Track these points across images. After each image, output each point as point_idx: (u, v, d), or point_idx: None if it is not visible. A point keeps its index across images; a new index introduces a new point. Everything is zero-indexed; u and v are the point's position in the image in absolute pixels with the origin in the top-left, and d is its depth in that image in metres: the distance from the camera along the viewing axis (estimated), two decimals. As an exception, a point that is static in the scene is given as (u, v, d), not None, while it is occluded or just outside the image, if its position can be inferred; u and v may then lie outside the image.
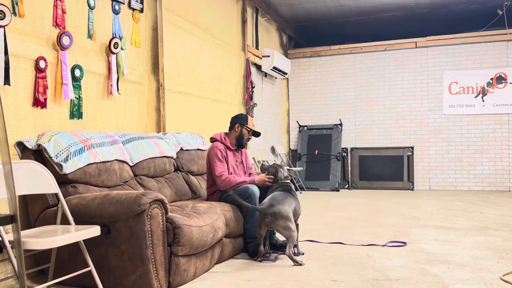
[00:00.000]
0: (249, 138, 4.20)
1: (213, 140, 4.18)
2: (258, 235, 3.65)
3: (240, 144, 4.17)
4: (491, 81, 8.70)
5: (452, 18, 9.27)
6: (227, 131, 4.25)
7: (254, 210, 3.65)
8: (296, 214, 3.76)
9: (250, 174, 4.29)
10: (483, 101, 8.74)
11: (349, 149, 9.53)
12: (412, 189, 8.99)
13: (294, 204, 3.71)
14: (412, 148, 9.11)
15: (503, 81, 8.63)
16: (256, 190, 3.82)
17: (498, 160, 8.67)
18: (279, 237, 4.17)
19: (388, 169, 9.19)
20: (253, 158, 7.59)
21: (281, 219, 3.52)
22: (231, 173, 4.06)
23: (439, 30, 9.34)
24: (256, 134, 4.22)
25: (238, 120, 4.17)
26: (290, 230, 3.54)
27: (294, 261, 3.50)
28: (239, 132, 4.14)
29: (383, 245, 4.13)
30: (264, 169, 4.14)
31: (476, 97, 8.79)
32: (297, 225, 3.82)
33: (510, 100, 8.58)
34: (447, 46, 8.94)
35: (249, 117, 4.23)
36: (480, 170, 8.77)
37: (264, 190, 3.98)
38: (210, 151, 4.07)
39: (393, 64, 9.30)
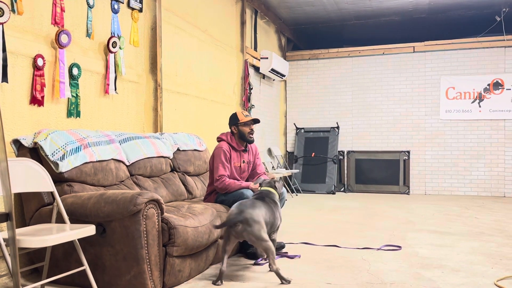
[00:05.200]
0: (251, 130, 4.04)
1: (219, 139, 4.11)
2: (223, 251, 3.19)
3: (246, 140, 4.04)
4: (488, 87, 8.73)
5: (450, 24, 9.31)
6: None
7: (223, 225, 3.21)
8: (269, 224, 3.36)
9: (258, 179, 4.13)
10: (479, 106, 8.78)
11: (345, 152, 9.54)
12: (408, 193, 9.01)
13: (264, 211, 3.33)
14: (409, 152, 9.14)
15: (500, 87, 8.67)
16: (250, 194, 3.77)
17: (493, 166, 8.70)
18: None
19: (384, 173, 9.21)
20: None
21: (255, 224, 3.12)
22: (235, 175, 4.02)
23: (437, 35, 9.38)
24: (256, 121, 4.07)
25: (232, 122, 4.08)
26: (264, 240, 3.11)
27: (281, 278, 3.09)
28: (238, 131, 4.04)
29: (378, 249, 4.14)
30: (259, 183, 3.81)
31: (472, 102, 8.82)
32: (272, 240, 3.45)
33: (507, 106, 8.62)
34: (445, 51, 8.98)
35: (237, 113, 4.06)
36: (476, 176, 8.80)
37: None
38: (215, 150, 4.01)
39: (391, 68, 9.33)
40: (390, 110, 9.33)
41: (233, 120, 4.07)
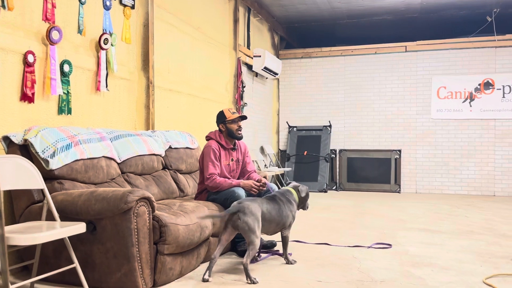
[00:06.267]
0: (239, 127, 4.04)
1: (208, 138, 4.10)
2: (218, 240, 3.30)
3: (235, 137, 4.04)
4: (478, 87, 8.80)
5: (442, 23, 9.36)
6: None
7: (225, 215, 3.28)
8: (274, 222, 3.46)
9: (249, 177, 4.15)
10: (470, 106, 8.84)
11: (337, 151, 9.57)
12: (399, 192, 9.06)
13: (267, 208, 3.40)
14: (400, 151, 9.18)
15: (490, 87, 8.74)
16: (242, 193, 3.76)
17: (483, 165, 8.78)
18: (264, 237, 4.17)
19: (375, 171, 9.26)
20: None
21: (250, 215, 3.20)
22: (225, 173, 4.02)
23: (429, 34, 9.43)
24: (243, 118, 4.08)
25: (219, 121, 4.07)
26: (254, 232, 3.19)
27: (247, 275, 3.10)
28: (226, 129, 4.04)
29: (369, 247, 4.16)
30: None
31: (463, 102, 8.89)
32: (284, 237, 3.55)
33: (497, 106, 8.70)
34: (437, 51, 9.03)
35: (224, 110, 4.07)
36: (466, 175, 8.87)
37: (258, 196, 3.83)
38: (204, 149, 4.00)
39: (383, 68, 9.37)
40: (382, 109, 9.37)
41: (221, 118, 4.07)
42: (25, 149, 3.19)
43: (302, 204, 3.80)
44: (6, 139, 3.20)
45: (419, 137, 9.14)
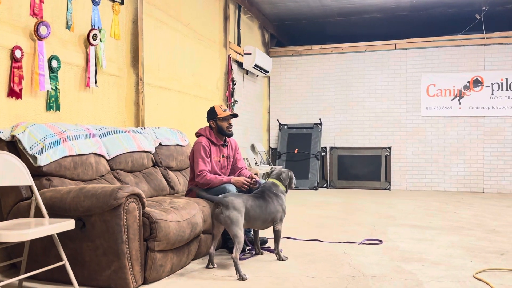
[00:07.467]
0: (230, 124, 4.03)
1: (198, 135, 4.08)
2: (212, 235, 3.43)
3: (225, 134, 4.03)
4: (468, 84, 8.87)
5: (432, 21, 9.42)
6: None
7: (210, 199, 3.46)
8: (260, 219, 3.48)
9: (240, 173, 4.14)
10: (459, 103, 8.91)
11: (328, 149, 9.59)
12: (389, 189, 9.10)
13: (252, 205, 3.41)
14: (390, 148, 9.23)
15: (479, 84, 8.81)
16: (233, 189, 3.75)
17: (473, 162, 8.85)
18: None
19: (366, 169, 9.29)
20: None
21: (233, 210, 3.25)
22: (215, 169, 4.00)
23: (419, 32, 9.48)
24: (234, 115, 4.07)
25: (210, 117, 4.05)
26: (237, 226, 3.23)
27: (237, 270, 3.12)
28: (216, 126, 4.02)
29: (360, 243, 4.17)
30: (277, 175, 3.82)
31: (453, 99, 8.95)
32: (276, 230, 3.57)
33: (486, 103, 8.77)
34: (426, 48, 9.08)
35: (215, 107, 4.05)
36: (455, 172, 8.94)
37: (249, 193, 3.79)
38: (194, 146, 3.98)
39: (373, 65, 9.40)
40: (372, 107, 9.41)
41: (211, 114, 4.05)
42: (13, 146, 3.15)
43: (289, 186, 3.87)
44: (-7, 136, 3.15)
45: (409, 134, 9.19)
